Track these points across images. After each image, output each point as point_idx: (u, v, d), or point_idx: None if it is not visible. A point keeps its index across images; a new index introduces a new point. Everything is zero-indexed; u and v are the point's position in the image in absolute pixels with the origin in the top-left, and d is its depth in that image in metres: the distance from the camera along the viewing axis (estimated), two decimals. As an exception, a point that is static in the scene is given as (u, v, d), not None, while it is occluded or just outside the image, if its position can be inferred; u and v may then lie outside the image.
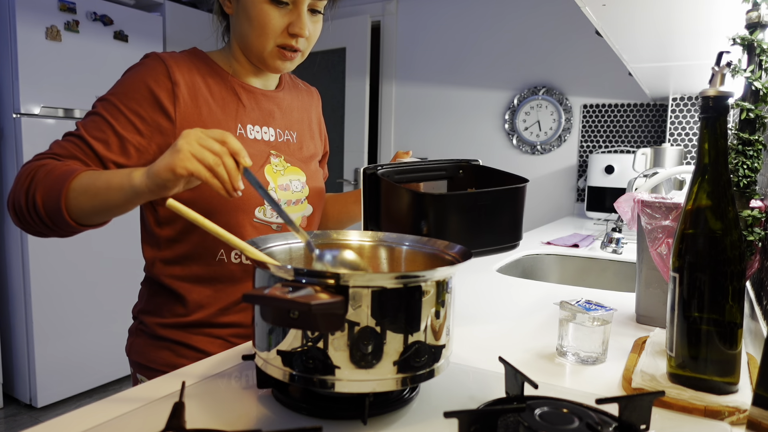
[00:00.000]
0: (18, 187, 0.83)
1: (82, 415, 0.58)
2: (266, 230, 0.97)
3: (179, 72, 0.92)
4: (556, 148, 3.12)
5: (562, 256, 1.82)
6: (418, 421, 0.59)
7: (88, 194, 0.79)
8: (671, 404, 0.63)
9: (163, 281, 0.97)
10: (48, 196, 0.80)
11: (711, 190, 0.65)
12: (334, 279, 0.52)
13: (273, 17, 0.90)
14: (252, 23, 0.91)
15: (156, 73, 0.90)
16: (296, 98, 1.11)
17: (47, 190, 0.80)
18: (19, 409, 2.58)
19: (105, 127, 0.87)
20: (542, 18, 3.11)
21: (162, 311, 0.97)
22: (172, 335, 0.96)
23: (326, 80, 3.73)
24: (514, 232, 0.91)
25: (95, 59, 2.67)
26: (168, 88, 0.90)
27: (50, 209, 0.80)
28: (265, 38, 0.92)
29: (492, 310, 1.08)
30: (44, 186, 0.80)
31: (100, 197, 0.79)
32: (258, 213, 0.96)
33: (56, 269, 2.57)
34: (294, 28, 0.91)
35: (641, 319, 1.00)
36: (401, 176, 0.97)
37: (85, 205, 0.80)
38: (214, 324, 0.96)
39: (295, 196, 1.01)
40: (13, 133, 2.46)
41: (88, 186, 0.79)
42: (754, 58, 0.80)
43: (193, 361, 0.79)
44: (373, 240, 0.78)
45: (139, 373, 0.98)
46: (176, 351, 0.95)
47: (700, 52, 1.51)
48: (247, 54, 0.97)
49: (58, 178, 0.80)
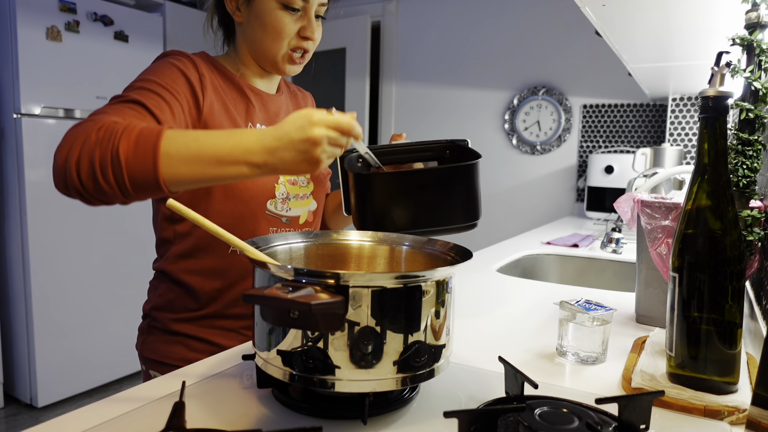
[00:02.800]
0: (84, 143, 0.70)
1: (83, 415, 0.59)
2: (277, 223, 1.00)
3: (203, 66, 0.95)
4: (555, 148, 3.12)
5: (561, 256, 1.82)
6: (418, 421, 0.59)
7: (192, 165, 0.69)
8: (671, 404, 0.63)
9: (176, 276, 0.98)
10: (135, 161, 0.69)
11: (711, 190, 0.65)
12: (334, 279, 0.52)
13: (287, 23, 0.95)
14: (267, 29, 0.95)
15: (184, 63, 0.92)
16: (294, 102, 1.15)
17: (132, 153, 0.69)
18: (19, 409, 2.58)
19: (153, 96, 0.82)
20: (542, 18, 3.11)
21: (175, 306, 0.98)
22: (185, 329, 0.97)
23: (326, 80, 3.73)
24: (469, 212, 0.87)
25: (96, 59, 2.67)
26: (197, 77, 0.92)
27: (140, 177, 0.69)
28: (280, 42, 0.96)
29: (492, 310, 1.09)
30: (127, 146, 0.69)
31: (208, 173, 0.70)
32: (269, 205, 0.98)
33: (57, 269, 2.57)
34: (306, 32, 0.96)
35: (641, 319, 1.00)
36: (384, 158, 0.95)
37: (184, 176, 0.70)
38: (227, 316, 0.98)
39: (302, 191, 1.04)
40: (14, 133, 2.46)
41: (191, 155, 0.69)
42: (754, 58, 0.80)
43: (207, 355, 0.81)
44: (373, 240, 0.78)
45: (152, 370, 0.99)
46: (189, 345, 0.97)
47: (699, 52, 1.51)
48: (258, 59, 1.01)
49: (146, 137, 0.69)
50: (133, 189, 0.70)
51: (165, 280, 1.01)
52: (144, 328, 1.03)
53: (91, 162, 0.70)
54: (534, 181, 3.18)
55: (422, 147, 1.01)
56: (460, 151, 1.00)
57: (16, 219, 2.49)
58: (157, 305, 1.01)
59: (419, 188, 0.86)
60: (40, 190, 2.48)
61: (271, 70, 1.02)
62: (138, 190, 0.71)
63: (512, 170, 3.25)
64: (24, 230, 2.47)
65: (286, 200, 1.01)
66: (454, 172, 0.86)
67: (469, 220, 0.88)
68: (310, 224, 1.06)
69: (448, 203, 0.86)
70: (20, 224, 2.48)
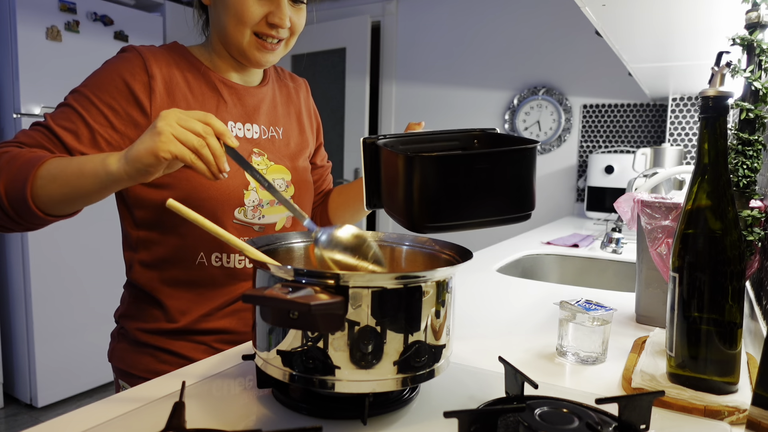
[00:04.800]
0: None
1: (82, 415, 0.58)
2: (248, 232, 0.94)
3: (156, 65, 0.89)
4: (556, 148, 3.12)
5: (562, 256, 1.82)
6: (418, 421, 0.59)
7: (57, 182, 0.73)
8: (671, 404, 0.63)
9: (143, 286, 0.94)
10: (12, 185, 0.74)
11: (711, 190, 0.65)
12: (334, 279, 0.52)
13: (250, 5, 0.87)
14: (229, 12, 0.88)
15: (132, 65, 0.87)
16: (282, 92, 1.08)
17: (11, 177, 0.74)
18: (19, 409, 2.58)
19: (75, 118, 0.83)
20: (542, 18, 3.11)
21: (143, 316, 0.94)
22: (153, 341, 0.92)
23: (326, 80, 3.73)
24: (523, 200, 0.78)
25: (95, 59, 2.63)
26: (144, 81, 0.87)
27: (14, 198, 0.74)
28: (242, 27, 0.88)
29: (492, 309, 1.08)
30: (8, 173, 0.74)
31: (71, 185, 0.73)
32: (238, 214, 0.92)
33: (57, 269, 2.57)
34: (273, 18, 0.89)
35: (641, 319, 1.00)
36: (406, 147, 0.87)
37: (54, 194, 0.74)
38: (197, 331, 0.93)
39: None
40: (13, 133, 2.46)
41: (58, 173, 0.74)
42: (754, 58, 0.80)
43: (176, 367, 0.77)
44: (374, 240, 0.78)
45: (121, 379, 0.96)
46: (158, 357, 0.92)
47: (699, 52, 1.51)
48: (227, 47, 0.94)
49: (24, 165, 0.74)
50: (14, 211, 0.76)
51: (133, 288, 0.96)
52: (114, 336, 0.99)
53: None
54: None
55: (448, 135, 0.91)
56: (491, 139, 0.90)
57: (16, 219, 2.49)
58: (126, 313, 0.96)
59: (478, 173, 0.75)
60: (40, 190, 2.48)
61: (242, 61, 0.94)
62: (18, 215, 0.76)
63: (512, 170, 3.25)
64: (24, 230, 2.47)
65: (258, 207, 0.94)
66: (516, 155, 0.77)
67: (525, 210, 0.79)
68: (288, 230, 1.00)
69: (505, 191, 0.77)
70: (20, 224, 2.48)
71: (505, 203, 0.78)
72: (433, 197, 0.74)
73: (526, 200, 0.78)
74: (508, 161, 0.76)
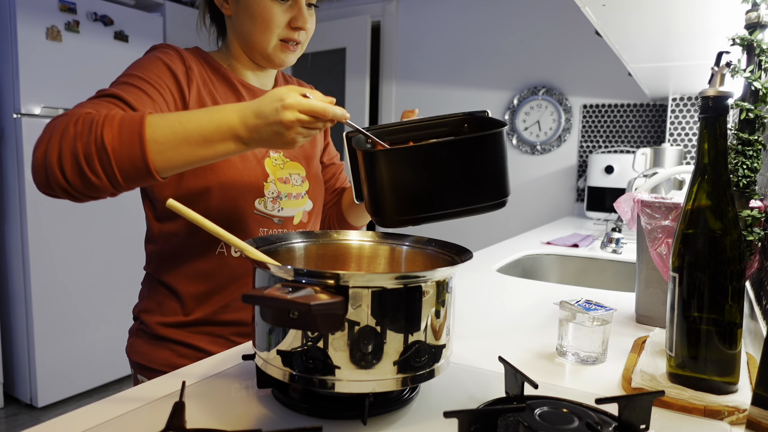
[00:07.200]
0: (63, 137, 0.69)
1: (82, 415, 0.59)
2: (268, 224, 0.97)
3: (191, 59, 0.94)
4: (555, 148, 3.12)
5: (562, 256, 1.82)
6: (418, 421, 0.59)
7: (177, 145, 0.70)
8: (671, 404, 0.63)
9: (162, 278, 0.96)
10: (122, 147, 0.68)
11: (711, 190, 0.65)
12: (334, 279, 0.52)
13: (276, 13, 0.92)
14: (255, 20, 0.93)
15: (171, 56, 0.91)
16: None
17: (119, 138, 0.68)
18: (19, 409, 2.58)
19: (134, 89, 0.82)
20: (542, 18, 3.11)
21: (162, 310, 0.96)
22: (172, 335, 0.95)
23: (326, 80, 3.73)
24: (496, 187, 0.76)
25: (96, 59, 2.67)
26: (183, 70, 0.91)
27: (125, 161, 0.68)
28: (269, 33, 0.94)
29: (492, 310, 1.08)
30: (111, 131, 0.68)
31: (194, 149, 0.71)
32: (258, 205, 0.95)
33: (57, 269, 2.57)
34: (297, 22, 0.94)
35: (641, 319, 1.00)
36: (394, 137, 0.85)
37: (173, 157, 0.70)
38: (215, 322, 0.95)
39: (295, 190, 1.01)
40: (14, 134, 2.46)
41: (176, 136, 0.70)
42: (754, 58, 0.80)
43: (193, 360, 0.78)
44: (374, 240, 0.78)
45: (140, 374, 0.98)
46: (177, 351, 0.94)
47: (699, 52, 1.51)
48: (249, 52, 0.98)
49: (129, 124, 0.69)
50: (123, 179, 0.70)
51: (152, 282, 0.99)
52: (133, 331, 1.01)
53: (75, 155, 0.68)
54: (534, 181, 3.18)
55: (436, 122, 0.88)
56: (481, 123, 0.88)
57: (16, 219, 2.49)
58: (145, 308, 0.98)
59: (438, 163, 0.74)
60: (40, 190, 2.48)
61: (264, 64, 1.00)
62: (128, 179, 0.71)
63: (512, 170, 3.22)
64: (24, 230, 2.47)
65: (277, 200, 0.97)
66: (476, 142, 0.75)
67: (498, 198, 0.76)
68: (305, 225, 1.03)
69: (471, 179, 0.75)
70: (20, 224, 2.48)
71: (477, 191, 0.76)
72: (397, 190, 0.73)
73: (498, 187, 0.76)
74: (472, 148, 0.74)
